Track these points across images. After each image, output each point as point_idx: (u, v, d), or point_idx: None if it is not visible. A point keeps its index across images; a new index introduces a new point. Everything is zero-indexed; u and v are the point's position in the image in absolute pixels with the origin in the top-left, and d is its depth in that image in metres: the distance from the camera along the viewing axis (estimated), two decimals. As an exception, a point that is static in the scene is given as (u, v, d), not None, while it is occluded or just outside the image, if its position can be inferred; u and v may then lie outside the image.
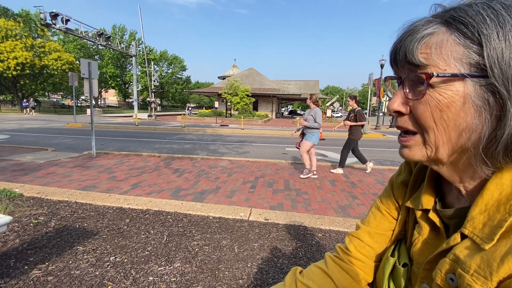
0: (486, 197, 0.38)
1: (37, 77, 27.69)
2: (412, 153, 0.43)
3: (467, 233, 0.38)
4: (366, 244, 0.61)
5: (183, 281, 1.72)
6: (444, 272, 0.39)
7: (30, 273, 1.75)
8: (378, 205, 0.63)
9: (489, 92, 0.35)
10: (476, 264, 0.35)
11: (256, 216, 2.85)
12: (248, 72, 32.36)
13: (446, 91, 0.37)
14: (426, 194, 0.50)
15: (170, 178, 4.39)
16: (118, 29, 43.15)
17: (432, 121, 0.38)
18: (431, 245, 0.48)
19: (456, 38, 0.36)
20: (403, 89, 0.41)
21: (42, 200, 3.11)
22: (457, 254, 0.38)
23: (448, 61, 0.36)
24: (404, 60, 0.40)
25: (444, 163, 0.42)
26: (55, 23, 14.54)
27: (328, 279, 0.60)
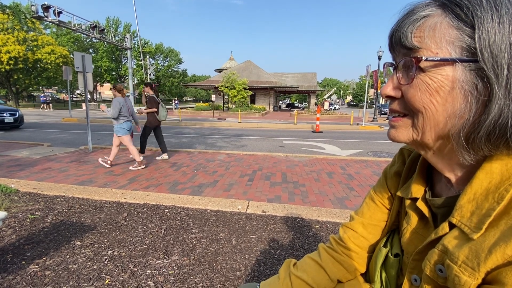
0: (475, 186, 0.37)
1: (31, 72, 27.24)
2: (398, 134, 0.43)
3: (455, 222, 0.38)
4: (360, 235, 0.62)
5: (181, 274, 1.73)
6: (433, 263, 0.39)
7: (27, 268, 1.75)
8: (372, 196, 0.63)
9: (478, 77, 0.34)
10: (464, 255, 0.35)
11: (254, 209, 2.86)
12: (245, 64, 32.07)
13: (436, 75, 0.36)
14: (416, 183, 0.51)
15: (168, 172, 4.38)
16: (112, 21, 42.34)
17: (422, 105, 0.38)
18: (420, 234, 0.48)
19: (450, 20, 0.35)
20: (396, 74, 0.41)
21: (38, 196, 3.09)
22: (445, 244, 0.38)
23: (440, 44, 0.36)
24: (398, 43, 0.40)
25: (430, 148, 0.42)
26: (47, 16, 14.22)
27: (322, 270, 0.61)
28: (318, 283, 0.59)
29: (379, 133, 11.95)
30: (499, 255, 0.32)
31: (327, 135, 10.52)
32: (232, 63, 37.94)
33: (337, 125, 13.99)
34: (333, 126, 13.54)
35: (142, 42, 38.52)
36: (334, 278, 0.61)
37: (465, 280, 0.34)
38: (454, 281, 0.35)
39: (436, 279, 0.39)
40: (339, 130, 12.78)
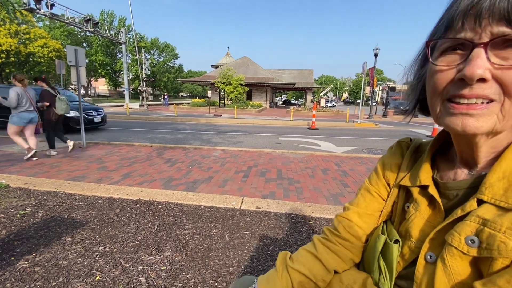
0: (504, 165, 0.40)
1: (23, 65, 26.72)
2: (480, 124, 0.39)
3: (487, 199, 0.40)
4: (355, 224, 0.62)
5: (173, 270, 1.72)
6: (463, 234, 0.40)
7: (16, 264, 1.72)
8: (367, 187, 0.64)
9: None
10: (509, 222, 0.36)
11: (248, 205, 2.85)
12: (241, 60, 31.88)
13: None
14: (424, 171, 0.52)
15: (162, 168, 4.35)
16: (106, 15, 41.64)
17: None
18: (428, 220, 0.49)
19: None
20: (485, 52, 0.37)
21: (29, 191, 3.04)
22: (481, 215, 0.39)
23: None
24: (504, 15, 0.35)
25: (497, 135, 0.41)
26: (39, 8, 13.93)
27: (318, 261, 0.62)
28: (315, 274, 0.60)
29: (374, 130, 12.01)
30: None
31: (322, 132, 10.54)
32: (229, 58, 37.69)
33: (333, 122, 14.03)
34: (329, 123, 13.57)
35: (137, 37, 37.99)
36: (330, 268, 0.61)
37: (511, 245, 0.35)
38: (499, 248, 0.36)
39: (464, 250, 0.40)
40: (334, 127, 12.81)
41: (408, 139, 0.62)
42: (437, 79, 0.41)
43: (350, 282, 0.58)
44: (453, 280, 0.41)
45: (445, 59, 0.41)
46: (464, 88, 0.38)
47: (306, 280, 0.60)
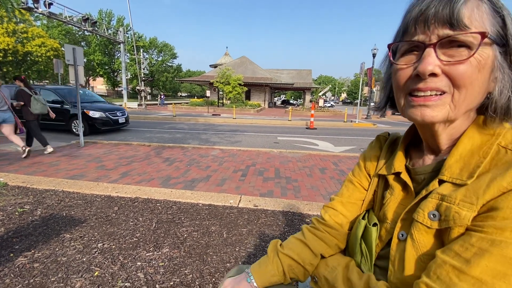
0: (460, 148, 0.47)
1: (21, 64, 26.59)
2: (434, 113, 0.45)
3: (446, 179, 0.46)
4: (340, 213, 0.68)
5: (171, 266, 1.74)
6: (427, 210, 0.47)
7: (15, 260, 1.74)
8: (350, 179, 0.71)
9: (503, 58, 0.43)
10: (462, 195, 0.43)
11: (246, 203, 2.87)
12: (240, 60, 31.88)
13: (483, 53, 0.41)
14: (398, 160, 0.59)
15: (160, 167, 4.36)
16: (104, 14, 41.49)
17: (470, 81, 0.42)
18: (401, 203, 0.55)
19: (488, 7, 0.42)
20: (434, 52, 0.43)
21: (27, 189, 3.05)
22: (440, 192, 0.46)
23: (485, 26, 0.41)
24: (446, 20, 0.41)
25: (451, 122, 0.48)
26: (37, 7, 13.89)
27: (306, 247, 0.67)
28: (303, 258, 0.65)
29: (372, 130, 12.07)
30: (495, 188, 0.40)
31: (321, 132, 10.58)
32: (228, 58, 37.66)
33: (331, 122, 14.07)
34: (327, 123, 13.61)
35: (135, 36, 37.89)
36: (317, 253, 0.66)
37: (465, 214, 0.41)
38: (453, 219, 0.42)
39: (427, 224, 0.46)
40: (333, 127, 12.86)
41: (386, 133, 0.70)
42: (398, 76, 0.48)
43: (335, 264, 0.63)
44: (420, 252, 0.47)
45: (404, 59, 0.47)
46: (420, 82, 0.45)
47: (295, 264, 0.65)
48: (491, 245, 0.38)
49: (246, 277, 0.65)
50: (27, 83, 5.11)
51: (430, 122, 0.46)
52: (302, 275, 0.66)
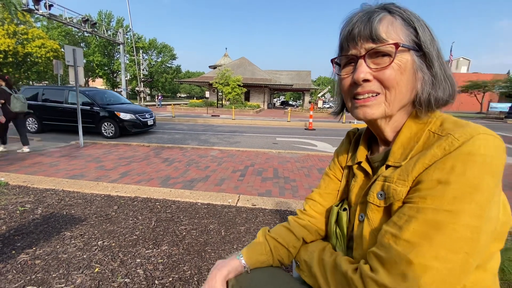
0: (401, 137, 0.56)
1: (21, 65, 26.61)
2: (373, 111, 0.55)
3: (391, 163, 0.55)
4: (318, 203, 0.77)
5: (170, 262, 1.77)
6: (375, 192, 0.56)
7: (17, 257, 1.77)
8: (327, 172, 0.80)
9: (422, 60, 0.53)
10: (398, 174, 0.52)
11: (244, 202, 2.91)
12: (239, 61, 31.94)
13: (402, 58, 0.52)
14: (360, 151, 0.69)
15: (160, 167, 4.40)
16: (104, 15, 41.55)
17: (396, 82, 0.52)
18: (362, 188, 0.63)
19: (400, 21, 0.52)
20: (365, 62, 0.53)
21: (28, 189, 3.08)
22: (384, 174, 0.55)
23: (400, 37, 0.52)
24: (368, 36, 0.52)
25: (391, 117, 0.57)
26: (38, 9, 13.92)
27: (290, 232, 0.75)
28: (287, 241, 0.74)
29: (371, 131, 12.10)
30: (420, 165, 0.48)
31: (319, 133, 10.63)
32: (227, 59, 37.72)
33: (330, 123, 14.12)
34: (326, 124, 13.66)
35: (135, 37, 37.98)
36: (299, 236, 0.75)
37: (400, 190, 0.50)
38: (393, 195, 0.51)
39: (377, 203, 0.55)
40: (331, 127, 12.90)
41: (356, 129, 0.79)
42: (343, 84, 0.59)
43: (313, 249, 0.71)
44: (374, 229, 0.55)
45: (345, 70, 0.58)
46: (358, 87, 0.55)
47: (280, 246, 0.73)
48: (417, 212, 0.46)
49: (236, 256, 0.71)
50: (8, 83, 5.16)
51: (371, 118, 0.56)
52: (286, 257, 0.73)
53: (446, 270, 0.42)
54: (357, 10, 0.56)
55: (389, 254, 0.46)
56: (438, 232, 0.43)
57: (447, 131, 0.49)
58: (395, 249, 0.46)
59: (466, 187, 0.43)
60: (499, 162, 0.44)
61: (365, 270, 0.49)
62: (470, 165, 0.43)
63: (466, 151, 0.44)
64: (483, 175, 0.43)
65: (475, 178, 0.43)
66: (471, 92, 31.95)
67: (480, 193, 0.42)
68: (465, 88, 31.83)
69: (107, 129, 7.85)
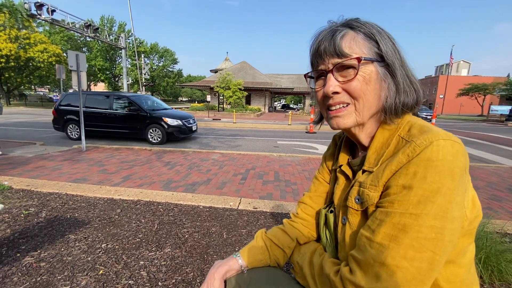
0: (375, 143, 0.59)
1: (23, 70, 26.87)
2: (345, 121, 0.59)
3: (366, 168, 0.58)
4: (308, 206, 0.81)
5: (173, 265, 1.80)
6: (353, 196, 0.59)
7: (22, 260, 1.80)
8: (316, 175, 0.83)
9: (387, 71, 0.57)
10: (370, 180, 0.55)
11: (245, 205, 2.93)
12: (240, 65, 32.13)
13: (366, 70, 0.56)
14: (342, 155, 0.72)
15: (161, 170, 4.43)
16: (106, 20, 41.99)
17: (362, 92, 0.56)
18: (345, 190, 0.67)
19: (362, 36, 0.56)
20: (333, 76, 0.57)
21: (32, 192, 3.12)
22: (359, 180, 0.59)
23: (363, 51, 0.56)
24: (333, 52, 0.56)
25: (363, 124, 0.60)
26: (41, 14, 14.10)
27: (285, 233, 0.79)
28: (282, 242, 0.78)
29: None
30: (388, 171, 0.51)
31: (320, 136, 10.66)
32: (228, 63, 37.96)
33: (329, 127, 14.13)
34: (327, 127, 13.45)
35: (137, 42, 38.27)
36: (293, 237, 0.79)
37: (372, 195, 0.54)
38: (367, 200, 0.54)
39: (355, 207, 0.58)
40: (332, 131, 12.85)
41: (341, 133, 0.81)
42: (317, 97, 0.63)
43: (305, 251, 0.74)
44: (354, 232, 0.58)
45: (318, 84, 0.63)
46: (329, 99, 0.59)
47: (275, 246, 0.77)
48: (386, 216, 0.49)
49: (234, 255, 0.75)
50: None
51: (344, 128, 0.60)
52: (282, 257, 0.77)
53: (414, 268, 0.45)
54: (323, 27, 0.60)
55: (364, 256, 0.49)
56: (405, 235, 0.46)
57: (412, 137, 0.51)
58: (369, 252, 0.49)
59: (428, 191, 0.45)
60: (457, 165, 0.46)
61: (344, 273, 0.52)
62: (430, 170, 0.46)
63: (426, 157, 0.47)
64: (443, 179, 0.45)
65: (435, 182, 0.45)
66: (472, 95, 31.99)
67: (441, 196, 0.45)
68: (466, 91, 31.88)
69: (154, 135, 7.65)
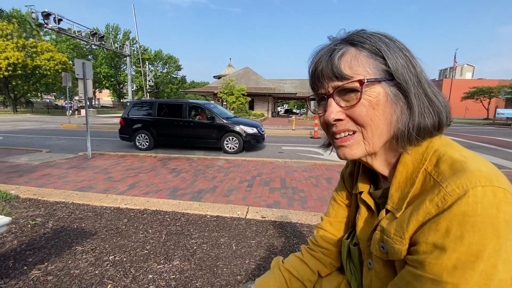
0: (398, 177, 0.49)
1: (30, 78, 27.30)
2: (353, 152, 0.50)
3: (389, 208, 0.49)
4: (329, 232, 0.72)
5: (182, 278, 1.75)
6: (377, 242, 0.49)
7: (29, 273, 1.76)
8: (334, 197, 0.73)
9: (397, 89, 0.47)
10: (394, 229, 0.46)
11: (253, 214, 2.88)
12: (243, 71, 32.33)
13: (372, 93, 0.46)
14: (361, 179, 0.61)
15: (167, 178, 4.40)
16: (111, 28, 42.70)
17: (369, 119, 0.47)
18: (369, 223, 0.57)
19: (365, 54, 0.47)
20: (334, 101, 0.49)
21: (38, 202, 3.10)
22: (382, 225, 0.49)
23: (367, 70, 0.46)
24: (331, 75, 0.48)
25: (377, 154, 0.51)
26: (48, 23, 14.38)
27: (304, 264, 0.72)
28: (302, 274, 0.71)
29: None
30: (415, 222, 0.42)
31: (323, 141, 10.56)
32: (231, 69, 38.22)
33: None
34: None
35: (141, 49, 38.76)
36: (315, 270, 0.72)
37: (398, 248, 0.44)
38: (392, 252, 0.46)
39: (381, 256, 0.49)
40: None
41: None
42: (321, 123, 0.54)
43: (328, 285, 0.67)
44: (382, 282, 0.50)
45: (321, 107, 0.54)
46: (333, 127, 0.51)
47: (295, 279, 0.69)
48: (415, 279, 0.41)
49: (249, 285, 0.70)
50: None
51: (351, 159, 0.51)
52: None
53: None
54: (322, 46, 0.52)
55: None
56: None
57: (441, 176, 0.42)
58: None
59: (466, 255, 0.36)
60: (503, 217, 0.36)
61: None
62: (467, 229, 0.37)
63: (460, 211, 0.37)
64: (484, 239, 0.36)
65: (474, 244, 0.36)
66: (477, 98, 31.74)
67: (484, 260, 0.36)
68: (471, 94, 31.63)
69: (230, 144, 7.44)
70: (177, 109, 7.82)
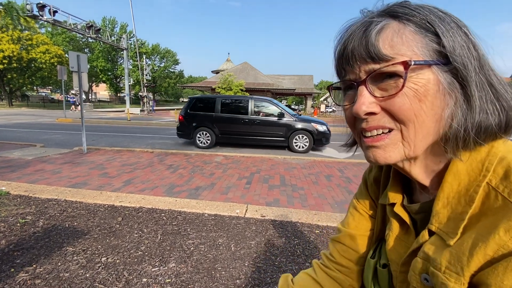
0: (446, 190, 0.37)
1: (25, 71, 26.89)
2: (387, 154, 0.38)
3: (434, 229, 0.37)
4: (349, 247, 0.58)
5: (178, 282, 1.66)
6: (418, 272, 0.38)
7: (16, 276, 1.67)
8: (355, 205, 0.60)
9: (453, 77, 0.35)
10: (446, 260, 0.34)
11: (253, 213, 2.80)
12: (242, 66, 32.03)
13: (419, 80, 0.35)
14: (392, 188, 0.49)
15: (164, 174, 4.30)
16: (108, 21, 42.04)
17: (413, 113, 0.35)
18: (403, 241, 0.46)
19: (412, 28, 0.35)
20: (366, 89, 0.37)
21: (29, 199, 2.99)
22: (426, 251, 0.37)
23: (413, 50, 0.35)
24: (366, 55, 0.36)
25: (417, 159, 0.40)
26: (42, 15, 14.06)
27: (318, 285, 0.60)
28: None
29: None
30: (480, 257, 0.31)
31: (324, 138, 10.50)
32: (229, 64, 37.88)
33: (334, 128, 13.98)
34: (334, 129, 13.53)
35: (138, 43, 38.25)
36: None
37: (452, 287, 0.33)
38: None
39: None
40: (335, 132, 12.75)
41: None
42: (347, 117, 0.42)
43: None
44: None
45: (347, 98, 0.42)
46: (362, 122, 0.39)
47: None
48: None
49: None
50: None
51: (385, 163, 0.40)
52: None
53: None
54: (353, 20, 0.40)
55: None
56: None
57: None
58: None
59: None
60: None
61: None
62: None
63: None
64: None
65: None
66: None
67: None
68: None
69: (299, 142, 7.17)
70: (242, 105, 7.49)
